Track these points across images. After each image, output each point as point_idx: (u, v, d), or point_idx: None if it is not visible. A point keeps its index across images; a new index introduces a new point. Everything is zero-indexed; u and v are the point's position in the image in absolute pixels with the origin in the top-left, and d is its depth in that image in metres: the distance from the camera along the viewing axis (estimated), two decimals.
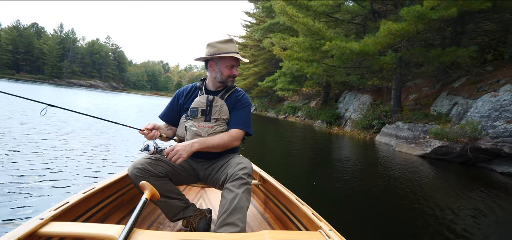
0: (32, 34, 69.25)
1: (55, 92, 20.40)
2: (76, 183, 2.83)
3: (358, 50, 7.02)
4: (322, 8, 10.63)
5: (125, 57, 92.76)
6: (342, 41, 7.39)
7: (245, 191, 1.27)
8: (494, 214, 3.25)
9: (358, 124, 12.73)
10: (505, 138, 5.34)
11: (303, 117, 19.70)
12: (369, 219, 2.82)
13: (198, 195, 2.25)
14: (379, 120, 11.42)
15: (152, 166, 1.40)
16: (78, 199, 1.22)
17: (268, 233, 0.99)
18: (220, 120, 1.52)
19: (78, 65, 71.50)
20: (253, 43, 30.53)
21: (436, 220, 2.83)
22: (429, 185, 4.49)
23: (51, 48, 66.32)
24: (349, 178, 4.52)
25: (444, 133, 6.40)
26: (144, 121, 8.44)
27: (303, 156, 6.52)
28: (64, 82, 64.22)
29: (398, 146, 7.96)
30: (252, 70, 28.92)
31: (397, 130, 8.89)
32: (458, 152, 6.22)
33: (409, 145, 7.56)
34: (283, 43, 11.21)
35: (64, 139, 4.81)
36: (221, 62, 1.53)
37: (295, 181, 3.85)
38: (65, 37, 72.04)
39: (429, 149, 6.70)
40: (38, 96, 14.56)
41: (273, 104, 27.77)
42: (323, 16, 11.24)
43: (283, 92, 19.88)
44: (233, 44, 1.54)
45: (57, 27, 78.64)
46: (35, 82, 48.74)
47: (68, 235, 0.96)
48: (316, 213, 1.28)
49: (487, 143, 5.63)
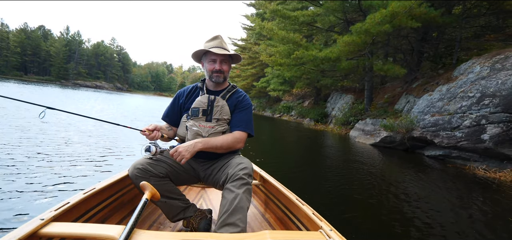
0: (39, 36, 71.27)
1: (66, 96, 20.10)
2: (76, 184, 2.84)
3: (322, 57, 8.52)
4: (303, 18, 12.14)
5: (130, 59, 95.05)
6: (309, 50, 8.91)
7: (246, 191, 1.27)
8: (419, 184, 4.37)
9: (338, 121, 14.20)
10: (429, 128, 6.78)
11: (296, 115, 21.20)
12: (318, 193, 3.39)
13: (198, 195, 2.26)
14: (355, 117, 12.87)
15: (152, 167, 1.40)
16: (79, 200, 1.22)
17: (269, 233, 1.00)
18: (221, 120, 1.53)
19: (84, 66, 73.72)
20: (251, 45, 32.13)
21: (380, 188, 4.01)
22: (375, 165, 5.91)
23: (57, 50, 68.33)
24: (306, 157, 6.02)
25: (390, 125, 7.87)
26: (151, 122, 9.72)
27: (279, 146, 8.01)
28: (70, 83, 66.17)
29: (358, 138, 9.44)
30: (249, 72, 30.49)
31: (365, 125, 10.33)
32: (399, 141, 7.69)
33: (366, 136, 9.04)
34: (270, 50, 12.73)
35: (65, 140, 4.83)
36: (205, 59, 1.58)
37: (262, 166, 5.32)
38: (71, 39, 74.26)
39: (379, 139, 8.18)
40: (45, 98, 15.02)
41: (271, 104, 29.34)
42: (305, 26, 12.74)
43: (275, 92, 21.44)
44: (218, 40, 1.54)
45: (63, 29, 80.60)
46: (43, 83, 49.50)
47: (69, 236, 0.95)
48: (316, 213, 1.28)
49: (417, 133, 7.08)
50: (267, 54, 13.89)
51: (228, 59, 1.57)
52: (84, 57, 74.88)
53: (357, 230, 2.39)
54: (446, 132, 6.29)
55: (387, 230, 2.49)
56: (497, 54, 6.77)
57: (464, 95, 6.36)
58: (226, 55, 1.54)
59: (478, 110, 5.80)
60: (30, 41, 68.38)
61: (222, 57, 1.53)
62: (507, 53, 6.47)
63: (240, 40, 36.48)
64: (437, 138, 6.50)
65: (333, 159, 6.18)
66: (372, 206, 3.08)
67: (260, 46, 14.37)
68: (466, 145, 5.84)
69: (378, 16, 6.97)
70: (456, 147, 6.08)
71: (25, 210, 2.14)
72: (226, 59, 1.56)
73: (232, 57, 1.59)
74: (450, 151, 6.34)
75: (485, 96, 5.80)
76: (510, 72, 5.79)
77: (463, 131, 5.92)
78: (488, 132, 5.45)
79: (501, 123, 5.32)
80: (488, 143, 5.42)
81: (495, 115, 5.44)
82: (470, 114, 5.91)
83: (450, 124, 6.25)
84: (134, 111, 14.88)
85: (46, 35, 74.66)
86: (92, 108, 13.27)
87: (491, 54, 6.96)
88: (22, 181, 2.72)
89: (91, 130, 6.27)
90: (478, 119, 5.69)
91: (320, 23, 12.79)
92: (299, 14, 11.79)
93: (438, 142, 6.46)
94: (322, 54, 8.51)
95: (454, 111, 6.35)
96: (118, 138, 5.64)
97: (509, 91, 5.43)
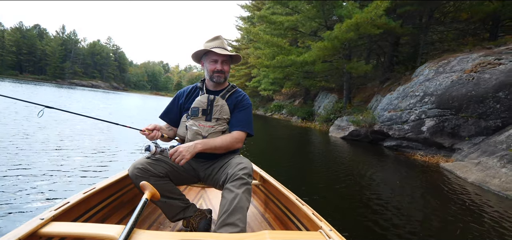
0: (35, 35, 71.03)
1: (67, 96, 20.04)
2: (76, 183, 2.85)
3: (300, 61, 9.64)
4: (287, 23, 13.25)
5: (126, 58, 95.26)
6: (291, 54, 10.04)
7: (245, 191, 1.28)
8: (377, 168, 5.50)
9: (321, 118, 15.35)
10: (385, 122, 7.92)
11: (286, 114, 22.36)
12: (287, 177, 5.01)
13: (198, 195, 2.26)
14: (335, 115, 14.02)
15: (152, 166, 1.41)
16: (79, 199, 1.22)
17: (268, 233, 1.00)
18: (220, 119, 1.54)
19: (80, 66, 73.94)
20: (245, 46, 33.19)
21: (344, 172, 5.25)
22: (343, 154, 7.07)
23: (53, 49, 68.38)
24: (282, 147, 7.11)
25: (357, 120, 9.01)
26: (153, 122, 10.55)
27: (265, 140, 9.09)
28: (66, 83, 66.32)
29: (334, 132, 10.58)
30: (243, 71, 31.58)
31: (340, 121, 11.46)
32: (364, 134, 8.84)
33: (339, 131, 10.19)
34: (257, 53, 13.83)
35: (66, 140, 4.85)
36: (206, 59, 1.58)
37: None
38: (67, 39, 74.35)
39: (347, 133, 9.32)
40: (45, 98, 15.24)
41: (264, 103, 30.52)
42: (289, 30, 13.85)
43: (265, 92, 22.59)
44: (219, 41, 1.55)
45: (59, 28, 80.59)
46: (38, 82, 49.30)
47: (69, 235, 0.96)
48: (316, 213, 1.29)
49: (377, 127, 8.23)
50: (255, 57, 15.00)
51: (228, 59, 1.60)
52: (80, 56, 75.11)
53: (324, 204, 2.92)
54: (398, 125, 7.44)
55: (343, 204, 3.15)
56: (443, 59, 7.94)
57: (413, 94, 7.51)
58: (227, 56, 1.56)
59: (420, 106, 6.96)
60: (26, 40, 68.17)
61: (224, 57, 1.55)
62: (449, 59, 7.64)
63: (234, 41, 37.57)
64: (391, 131, 7.65)
65: (306, 147, 7.30)
66: (338, 189, 3.71)
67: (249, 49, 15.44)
68: (411, 136, 6.99)
69: (344, 26, 8.09)
70: (405, 138, 7.24)
71: (24, 210, 2.15)
72: (227, 60, 1.58)
73: (232, 57, 1.62)
74: (401, 142, 7.49)
75: (426, 95, 6.96)
76: (447, 75, 6.96)
77: (409, 124, 7.08)
78: (426, 125, 6.61)
79: (435, 117, 6.48)
80: (426, 134, 6.57)
81: (431, 111, 6.61)
82: (415, 110, 7.07)
83: (401, 118, 7.40)
84: (140, 111, 15.02)
85: (42, 34, 74.52)
86: (95, 107, 14.18)
87: (439, 59, 8.13)
88: (22, 180, 2.71)
89: (91, 129, 6.29)
90: (420, 114, 6.85)
91: (303, 28, 13.90)
92: (284, 20, 12.90)
93: (392, 134, 7.61)
94: (300, 58, 9.64)
95: (404, 107, 7.51)
96: (118, 138, 5.65)
97: (443, 90, 6.59)
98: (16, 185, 2.60)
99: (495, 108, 5.68)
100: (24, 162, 3.31)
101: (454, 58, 7.47)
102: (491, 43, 7.87)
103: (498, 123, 5.61)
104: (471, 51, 7.75)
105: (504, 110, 5.57)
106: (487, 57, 6.66)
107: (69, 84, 65.30)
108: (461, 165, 5.06)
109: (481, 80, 6.08)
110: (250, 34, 11.40)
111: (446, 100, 6.40)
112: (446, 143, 6.34)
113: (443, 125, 6.31)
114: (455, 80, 6.54)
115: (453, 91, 6.39)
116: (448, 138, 6.30)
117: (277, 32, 13.75)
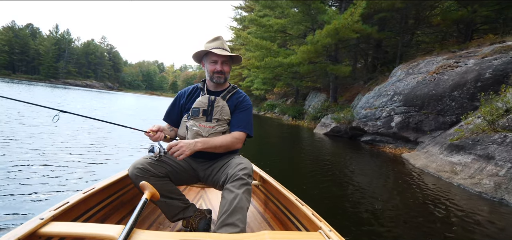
0: (28, 34, 70.34)
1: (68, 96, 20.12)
2: (76, 183, 2.85)
3: (287, 62, 10.37)
4: (276, 26, 13.97)
5: (120, 57, 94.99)
6: (278, 57, 10.76)
7: (245, 192, 1.28)
8: (353, 160, 6.34)
9: (310, 116, 16.12)
10: (362, 119, 8.69)
11: (278, 113, 23.12)
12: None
13: (198, 195, 2.27)
14: (322, 113, 14.80)
15: (152, 166, 1.41)
16: (78, 199, 1.22)
17: (268, 234, 1.00)
18: (221, 120, 1.56)
19: (73, 65, 73.56)
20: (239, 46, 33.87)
21: (329, 162, 6.05)
22: (322, 148, 7.79)
23: (47, 49, 67.89)
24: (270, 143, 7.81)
25: (338, 117, 9.77)
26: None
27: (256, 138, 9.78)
28: (60, 82, 65.97)
29: (319, 129, 11.34)
30: (236, 71, 32.25)
31: (326, 119, 12.22)
32: (344, 130, 9.61)
33: (322, 127, 10.95)
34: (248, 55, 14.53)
35: (67, 140, 4.87)
36: (207, 60, 1.60)
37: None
38: (61, 38, 73.75)
39: (329, 129, 10.09)
40: (42, 99, 15.80)
41: (257, 102, 31.26)
42: (279, 33, 14.57)
43: (258, 91, 23.33)
44: (219, 41, 1.57)
45: (52, 28, 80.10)
46: (32, 82, 48.81)
47: (68, 235, 0.96)
48: (316, 214, 1.29)
49: (355, 123, 9.00)
50: (246, 58, 15.73)
51: (229, 60, 1.60)
52: (74, 55, 74.71)
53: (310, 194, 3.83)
54: (372, 122, 8.22)
55: (323, 192, 3.60)
56: (414, 61, 8.75)
57: (385, 93, 8.30)
58: (227, 56, 1.57)
59: (390, 104, 7.74)
60: (18, 40, 67.40)
61: (224, 58, 1.56)
62: (419, 61, 8.44)
63: (228, 41, 38.15)
64: (366, 127, 8.42)
65: (292, 143, 8.01)
66: (316, 179, 4.83)
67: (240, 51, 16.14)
68: (383, 131, 7.77)
69: (324, 31, 8.84)
70: (378, 133, 8.01)
71: (24, 210, 2.14)
72: (227, 60, 1.59)
73: (232, 58, 1.63)
74: (375, 136, 8.27)
75: (396, 94, 7.74)
76: (415, 76, 7.75)
77: (381, 120, 7.86)
78: (395, 121, 7.39)
79: (402, 114, 7.27)
80: (395, 129, 7.35)
81: (399, 108, 7.39)
82: (386, 108, 7.85)
83: (375, 115, 8.18)
84: (139, 111, 15.34)
85: (35, 34, 73.85)
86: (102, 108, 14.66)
87: (411, 62, 8.94)
88: (21, 180, 2.72)
89: (91, 129, 6.32)
90: (390, 111, 7.63)
91: (291, 31, 14.64)
92: (274, 22, 13.61)
93: (367, 129, 8.38)
94: (287, 60, 10.37)
95: (378, 105, 8.29)
96: (119, 139, 5.69)
97: (409, 90, 7.38)
98: (16, 185, 2.59)
99: (451, 106, 6.48)
100: (24, 162, 3.30)
101: (423, 61, 8.28)
102: (456, 47, 8.69)
103: (453, 118, 6.41)
104: (438, 54, 8.57)
105: (458, 107, 6.37)
106: (449, 60, 7.47)
107: (63, 83, 65.02)
108: (415, 155, 5.84)
109: (440, 81, 6.87)
110: (240, 37, 12.05)
111: (411, 99, 7.19)
112: (411, 137, 7.12)
113: (408, 121, 7.09)
114: (420, 80, 7.34)
115: (417, 90, 7.18)
116: (413, 132, 7.09)
117: (267, 34, 14.46)
